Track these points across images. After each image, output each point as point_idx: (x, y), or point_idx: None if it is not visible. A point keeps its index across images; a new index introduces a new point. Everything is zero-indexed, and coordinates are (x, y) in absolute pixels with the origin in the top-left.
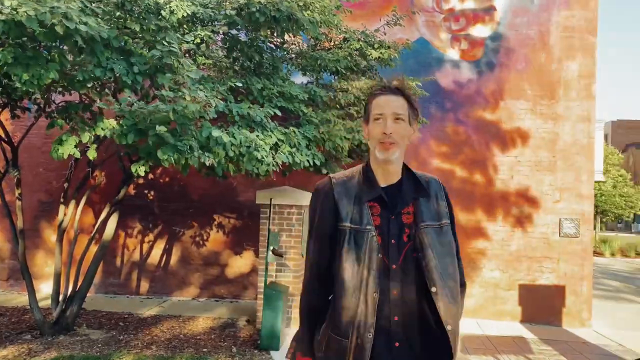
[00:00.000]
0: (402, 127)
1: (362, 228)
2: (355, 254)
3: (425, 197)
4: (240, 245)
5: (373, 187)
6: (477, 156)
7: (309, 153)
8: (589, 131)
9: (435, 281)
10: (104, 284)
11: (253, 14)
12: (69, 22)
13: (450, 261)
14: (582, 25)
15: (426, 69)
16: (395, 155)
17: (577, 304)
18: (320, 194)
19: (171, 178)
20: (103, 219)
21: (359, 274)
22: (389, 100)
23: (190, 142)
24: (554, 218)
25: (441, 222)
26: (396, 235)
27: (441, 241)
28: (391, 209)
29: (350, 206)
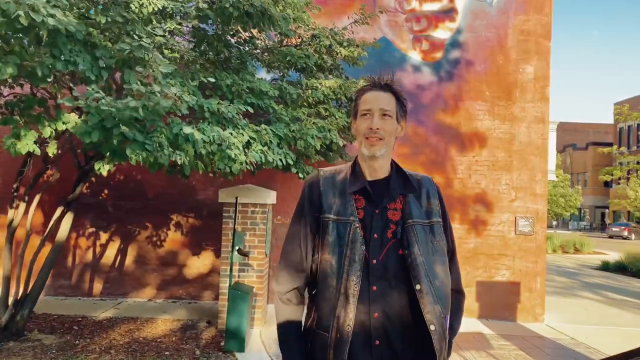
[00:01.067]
0: (389, 124)
1: (345, 219)
2: (337, 245)
3: (414, 194)
4: (199, 245)
5: (358, 180)
6: (437, 156)
7: (281, 152)
8: (543, 132)
9: (420, 279)
10: (53, 286)
11: (226, 9)
12: (35, 15)
13: (439, 261)
14: (538, 30)
15: (388, 68)
16: (382, 152)
17: (531, 299)
18: (307, 187)
19: (126, 175)
20: (57, 218)
21: (340, 265)
22: (377, 96)
23: (160, 139)
24: (510, 216)
25: (431, 220)
26: (380, 230)
27: (429, 239)
28: (376, 203)
29: (335, 198)
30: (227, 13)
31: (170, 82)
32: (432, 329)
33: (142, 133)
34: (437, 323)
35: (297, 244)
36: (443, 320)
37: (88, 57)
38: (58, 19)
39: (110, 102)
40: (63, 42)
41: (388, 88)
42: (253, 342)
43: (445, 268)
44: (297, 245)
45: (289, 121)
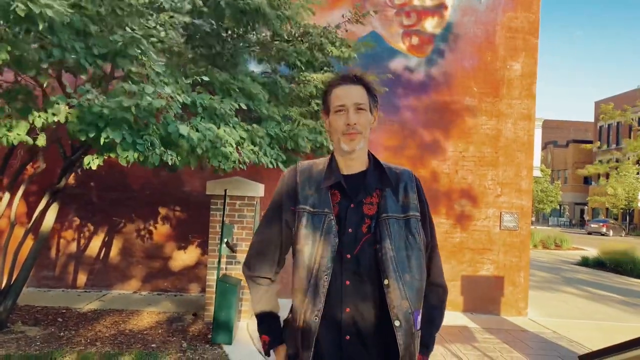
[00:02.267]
0: (364, 117)
1: (320, 211)
2: (311, 236)
3: (391, 188)
4: (185, 237)
5: (333, 174)
6: (424, 151)
7: (273, 152)
8: (529, 129)
9: (388, 274)
10: (37, 277)
11: (219, 5)
12: (33, 6)
13: (414, 256)
14: (525, 27)
15: (377, 62)
16: (360, 145)
17: (515, 293)
18: (284, 179)
19: (111, 166)
20: (42, 209)
21: (313, 255)
22: (349, 90)
23: (152, 137)
24: (495, 211)
25: (407, 214)
26: (354, 224)
27: (404, 234)
28: (351, 197)
29: (311, 191)
30: (220, 9)
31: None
32: (397, 325)
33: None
34: (403, 319)
35: (270, 234)
36: (410, 316)
37: (82, 46)
38: (56, 10)
39: (103, 103)
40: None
41: (358, 81)
42: (240, 335)
43: (420, 263)
44: (270, 236)
45: (280, 120)
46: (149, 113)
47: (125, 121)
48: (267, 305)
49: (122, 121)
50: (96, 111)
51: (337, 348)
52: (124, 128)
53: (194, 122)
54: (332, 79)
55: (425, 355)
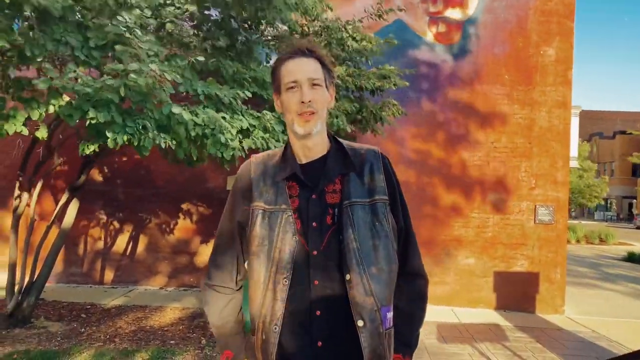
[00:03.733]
0: (320, 94)
1: (276, 208)
2: (267, 237)
3: (355, 172)
4: (209, 233)
5: (288, 164)
6: (453, 142)
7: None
8: (565, 117)
9: (350, 267)
10: (65, 274)
11: None
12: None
13: (380, 245)
14: (560, 10)
15: (403, 52)
16: (317, 128)
17: (551, 290)
18: (237, 177)
19: (136, 162)
20: (62, 204)
21: (269, 258)
22: (301, 64)
23: (145, 121)
24: (530, 205)
25: (373, 198)
26: (318, 217)
27: (369, 221)
28: (311, 187)
29: (265, 187)
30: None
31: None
32: (360, 325)
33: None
34: (367, 318)
35: (226, 240)
36: (376, 314)
37: (80, 37)
38: None
39: (86, 82)
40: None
41: (311, 53)
42: None
43: (389, 253)
44: (225, 242)
45: None
46: (141, 95)
47: (111, 102)
48: (229, 317)
49: (109, 102)
50: (78, 90)
51: (309, 357)
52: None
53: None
54: (281, 52)
55: (408, 355)
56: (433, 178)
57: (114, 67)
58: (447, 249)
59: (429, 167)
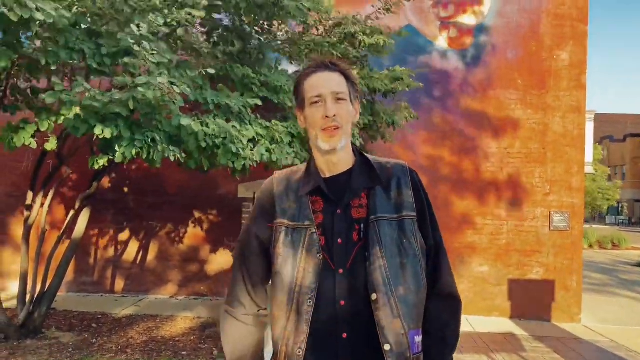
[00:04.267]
0: (344, 109)
1: (299, 224)
2: (291, 254)
3: (381, 186)
4: (220, 241)
5: (312, 179)
6: (467, 148)
7: (291, 151)
8: (580, 122)
9: (376, 287)
10: (76, 282)
11: None
12: (22, 10)
13: (408, 263)
14: (573, 13)
15: (414, 57)
16: (342, 143)
17: (567, 298)
18: (259, 193)
19: (146, 170)
20: (74, 214)
21: (293, 277)
22: (325, 79)
23: (154, 133)
24: (544, 211)
25: (400, 214)
26: (344, 233)
27: (397, 238)
28: (336, 202)
29: (289, 202)
30: (234, 3)
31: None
32: (386, 349)
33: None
34: (393, 341)
35: (247, 261)
36: (404, 338)
37: (92, 45)
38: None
39: (94, 96)
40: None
41: (335, 67)
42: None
43: (417, 272)
44: (246, 265)
45: None
46: (150, 107)
47: (119, 116)
48: (245, 351)
49: (117, 116)
50: (86, 104)
51: None
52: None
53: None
54: (304, 68)
55: None
56: (445, 184)
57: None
58: (461, 257)
59: (441, 174)
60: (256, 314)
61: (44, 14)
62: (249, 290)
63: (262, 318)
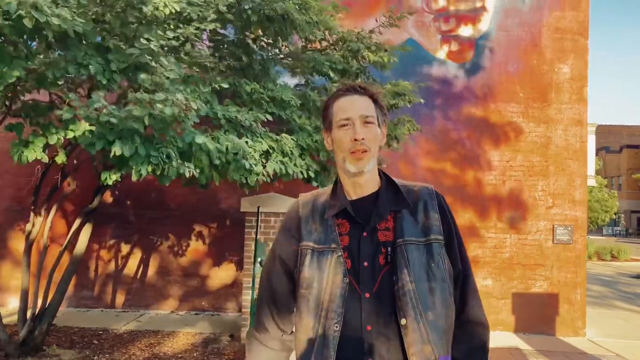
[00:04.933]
0: (372, 132)
1: (325, 247)
2: (317, 277)
3: (408, 209)
4: (221, 256)
5: (338, 201)
6: (468, 161)
7: (303, 163)
8: (581, 135)
9: (406, 312)
10: (76, 297)
11: (245, 11)
12: (38, 14)
13: (438, 288)
14: (574, 27)
15: (416, 70)
16: (369, 166)
17: (571, 312)
18: (285, 216)
19: (148, 185)
20: (76, 228)
21: (318, 300)
22: (354, 102)
23: (169, 150)
24: (547, 224)
25: (428, 237)
26: (370, 256)
27: (425, 262)
28: (362, 225)
29: (314, 225)
30: (246, 16)
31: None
32: None
33: (150, 144)
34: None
35: (272, 287)
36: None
37: (101, 61)
38: (64, 19)
39: (111, 112)
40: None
41: (364, 91)
42: None
43: (445, 297)
44: (271, 289)
45: (311, 131)
46: (164, 123)
47: (136, 132)
48: None
49: (133, 132)
50: (104, 121)
51: None
52: (135, 140)
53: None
54: (333, 91)
55: None
56: (447, 197)
57: (140, 96)
58: None
59: (443, 187)
60: (281, 339)
61: (60, 19)
62: (274, 315)
63: (288, 342)
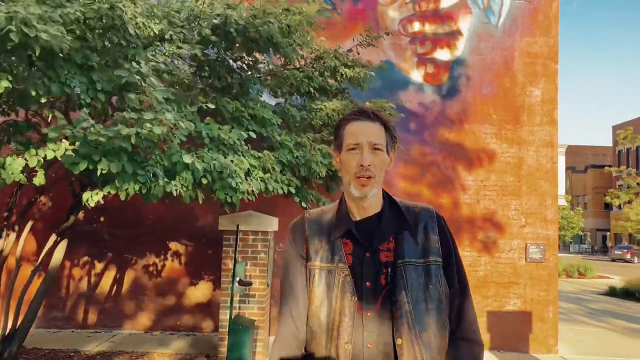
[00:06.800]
0: (379, 158)
1: (333, 267)
2: (326, 297)
3: (409, 230)
4: (198, 275)
5: (343, 222)
6: (444, 181)
7: (284, 179)
8: (552, 156)
9: (401, 332)
10: (46, 318)
11: (229, 34)
12: (28, 29)
13: (434, 309)
14: (545, 52)
15: (392, 91)
16: (373, 192)
17: (544, 329)
18: (291, 232)
19: (123, 202)
20: (49, 247)
21: (329, 320)
22: (365, 128)
23: (155, 168)
24: (520, 243)
25: (427, 259)
26: (372, 276)
27: (423, 283)
28: (365, 245)
29: (321, 244)
30: (230, 38)
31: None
32: None
33: (136, 162)
34: None
35: (290, 302)
36: None
37: (84, 80)
38: (52, 34)
39: (99, 131)
40: (59, 64)
41: (376, 117)
42: None
43: (441, 317)
44: (290, 304)
45: (292, 147)
46: (151, 142)
47: (124, 151)
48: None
49: (121, 151)
50: (92, 140)
51: None
52: (122, 159)
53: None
54: (348, 113)
55: None
56: None
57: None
58: None
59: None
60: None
61: (49, 35)
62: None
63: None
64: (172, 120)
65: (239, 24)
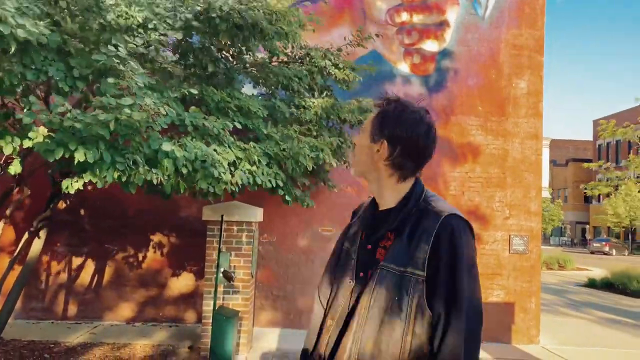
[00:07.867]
0: (356, 139)
1: (351, 249)
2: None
3: (407, 233)
4: (180, 265)
5: (362, 211)
6: (429, 172)
7: (271, 172)
8: (537, 148)
9: (348, 332)
10: (25, 309)
11: (213, 20)
12: (3, 26)
13: (395, 325)
14: (530, 44)
15: (378, 82)
16: (371, 188)
17: (526, 320)
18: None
19: (104, 192)
20: (28, 237)
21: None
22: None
23: (135, 156)
24: (504, 234)
25: (405, 268)
26: (365, 268)
27: (392, 291)
28: (368, 238)
29: (353, 228)
30: (213, 24)
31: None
32: None
33: (115, 150)
34: None
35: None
36: None
37: (62, 66)
38: (28, 30)
39: (75, 117)
40: (35, 50)
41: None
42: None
43: (400, 336)
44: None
45: (279, 140)
46: (131, 129)
47: (101, 138)
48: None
49: (98, 138)
50: (68, 125)
51: None
52: (100, 146)
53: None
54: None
55: None
56: None
57: (106, 100)
58: None
59: None
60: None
61: (25, 31)
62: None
63: None
64: (152, 106)
65: (222, 10)
